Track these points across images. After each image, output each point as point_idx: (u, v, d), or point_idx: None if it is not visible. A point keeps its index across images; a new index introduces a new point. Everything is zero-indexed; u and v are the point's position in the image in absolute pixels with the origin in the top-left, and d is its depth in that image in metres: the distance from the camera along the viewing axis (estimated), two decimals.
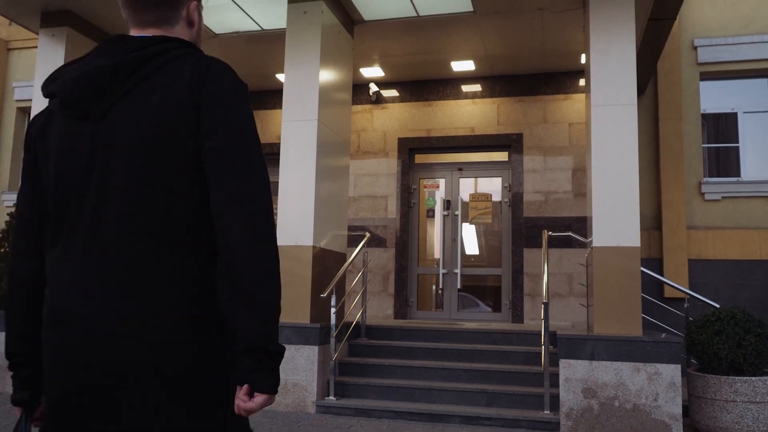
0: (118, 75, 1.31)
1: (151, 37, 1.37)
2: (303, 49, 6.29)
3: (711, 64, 8.98)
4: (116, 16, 7.20)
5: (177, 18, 1.47)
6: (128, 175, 1.28)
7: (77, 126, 1.33)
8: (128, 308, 1.26)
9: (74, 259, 1.30)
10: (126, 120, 1.29)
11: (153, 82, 1.30)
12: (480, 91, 8.82)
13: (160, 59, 1.33)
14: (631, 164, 5.42)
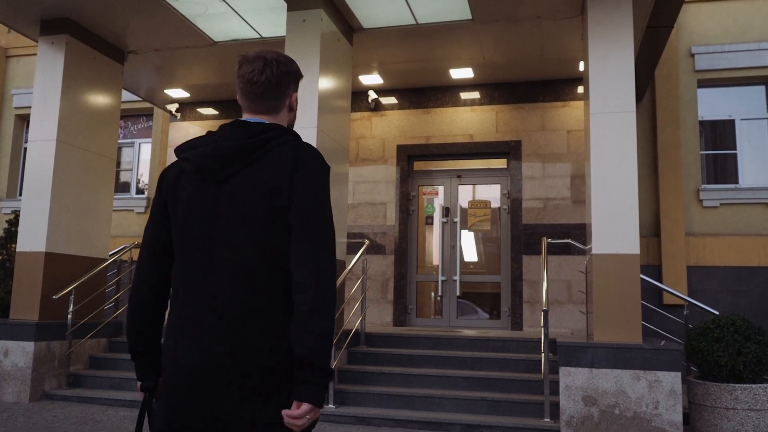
0: (241, 153, 1.72)
1: (267, 125, 1.78)
2: (302, 57, 6.30)
3: (708, 71, 9.02)
4: (115, 24, 7.21)
5: (282, 107, 1.87)
6: (246, 227, 1.68)
7: (204, 187, 1.74)
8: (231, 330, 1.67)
9: (191, 287, 1.72)
10: (244, 186, 1.70)
11: (266, 160, 1.71)
12: (478, 98, 8.84)
13: (271, 143, 1.73)
14: (630, 171, 5.43)
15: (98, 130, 7.48)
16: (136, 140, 11.35)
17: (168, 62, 8.37)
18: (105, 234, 7.56)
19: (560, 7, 6.60)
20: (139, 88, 9.36)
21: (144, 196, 10.89)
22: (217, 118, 9.91)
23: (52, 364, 6.63)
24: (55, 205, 6.84)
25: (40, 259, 6.70)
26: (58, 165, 6.89)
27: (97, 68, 7.48)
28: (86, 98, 7.31)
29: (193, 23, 7.18)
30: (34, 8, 6.85)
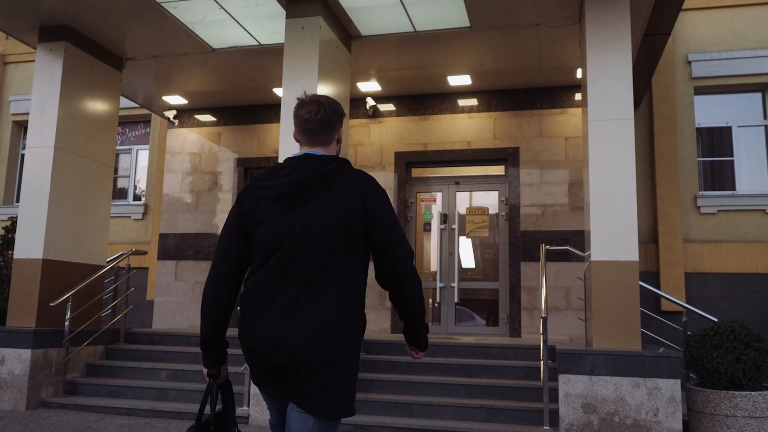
0: (315, 182, 2.13)
1: (329, 157, 2.20)
2: (301, 64, 6.31)
3: (705, 78, 9.06)
4: (113, 31, 7.21)
5: (332, 140, 2.30)
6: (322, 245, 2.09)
7: (282, 210, 2.14)
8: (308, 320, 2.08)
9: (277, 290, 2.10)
10: (319, 209, 2.11)
11: (336, 187, 2.14)
12: (476, 105, 8.86)
13: (336, 173, 2.16)
14: (628, 179, 5.44)
15: (96, 136, 7.47)
16: (134, 147, 11.33)
17: (166, 69, 8.38)
18: (102, 241, 7.54)
19: (558, 15, 6.63)
20: (136, 94, 9.36)
21: (141, 203, 10.87)
22: (215, 125, 9.90)
23: (48, 372, 6.60)
24: (53, 212, 6.82)
25: (38, 266, 6.68)
26: (55, 172, 6.87)
27: (95, 75, 7.47)
28: (84, 105, 7.31)
29: (191, 30, 7.19)
30: (32, 15, 6.85)
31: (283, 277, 2.10)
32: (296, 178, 2.14)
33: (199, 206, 9.75)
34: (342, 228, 2.11)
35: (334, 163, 2.17)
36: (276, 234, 2.13)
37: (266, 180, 2.19)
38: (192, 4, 6.62)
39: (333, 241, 2.10)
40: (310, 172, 2.14)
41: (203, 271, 9.51)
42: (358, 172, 2.21)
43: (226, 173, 9.72)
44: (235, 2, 6.58)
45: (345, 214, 2.11)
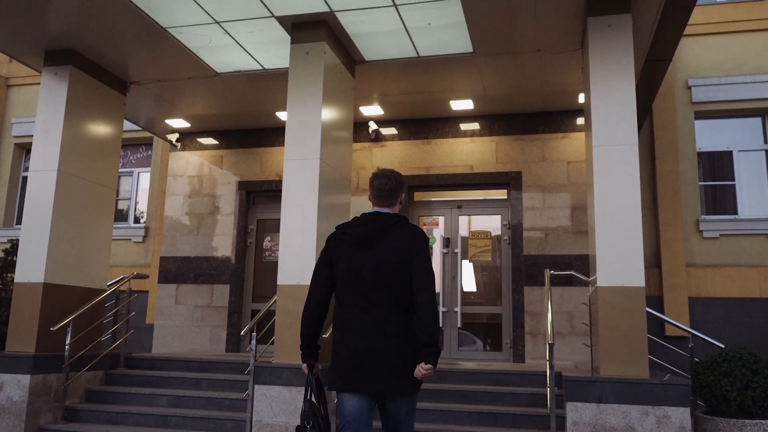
0: (380, 232, 3.05)
1: (390, 214, 3.13)
2: (305, 89, 6.34)
3: (705, 103, 9.13)
4: (118, 55, 7.24)
5: (396, 203, 3.22)
6: (386, 277, 2.99)
7: (358, 251, 3.05)
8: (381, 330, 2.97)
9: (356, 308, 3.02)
10: (384, 250, 3.02)
11: (394, 236, 3.04)
12: (479, 129, 8.89)
13: (396, 226, 3.06)
14: (633, 204, 5.43)
15: (99, 160, 7.47)
16: (135, 169, 11.34)
17: (169, 92, 8.40)
18: (104, 264, 7.50)
19: (560, 41, 6.68)
20: (139, 117, 9.38)
21: (142, 226, 10.84)
22: (218, 148, 9.91)
23: (47, 398, 6.51)
24: (55, 235, 6.79)
25: (38, 290, 6.63)
26: (58, 195, 6.85)
27: (99, 99, 7.49)
28: (88, 128, 7.32)
29: (196, 55, 7.23)
30: (39, 40, 6.88)
31: (361, 297, 3.01)
32: (368, 228, 3.08)
33: (201, 229, 9.72)
34: (398, 263, 2.99)
35: (395, 218, 3.11)
36: (354, 267, 3.04)
37: (347, 228, 3.15)
38: (197, 30, 6.66)
39: (393, 272, 2.99)
40: (378, 225, 3.08)
41: (204, 294, 9.46)
42: (411, 225, 3.10)
43: (227, 196, 9.71)
44: (241, 28, 6.62)
45: (400, 254, 2.99)
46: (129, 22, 6.47)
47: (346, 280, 3.04)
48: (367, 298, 2.99)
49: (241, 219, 9.58)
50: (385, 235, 3.02)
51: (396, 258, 2.98)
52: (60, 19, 6.43)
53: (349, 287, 3.03)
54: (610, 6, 5.74)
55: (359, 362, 2.94)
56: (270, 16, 6.35)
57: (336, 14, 6.28)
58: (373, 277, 2.99)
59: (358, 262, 3.01)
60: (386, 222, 3.06)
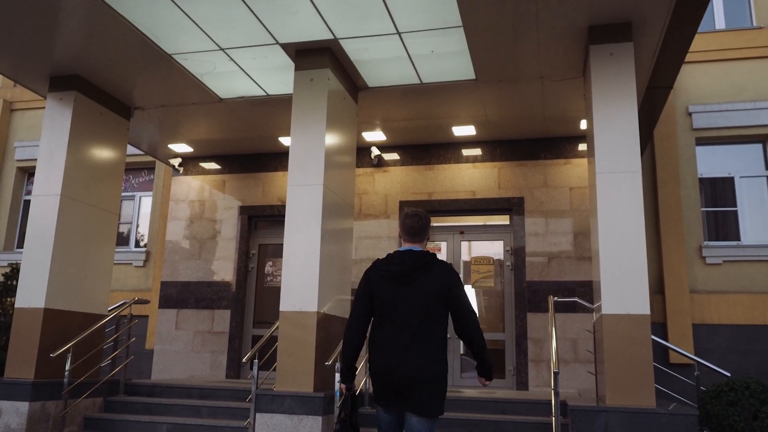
0: (417, 268, 3.37)
1: (423, 252, 3.45)
2: (309, 115, 6.37)
3: (706, 129, 9.17)
4: (123, 81, 7.29)
5: (424, 239, 3.54)
6: (424, 308, 3.33)
7: (397, 286, 3.38)
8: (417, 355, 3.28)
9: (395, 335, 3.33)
10: (421, 286, 3.35)
11: (429, 272, 3.38)
12: (481, 155, 8.92)
13: (429, 263, 3.40)
14: (637, 231, 5.42)
15: (102, 184, 7.48)
16: (137, 193, 11.35)
17: (172, 117, 8.44)
18: (105, 289, 7.46)
19: (562, 69, 6.72)
20: (141, 142, 9.41)
21: (143, 250, 10.82)
22: (220, 173, 9.93)
23: (46, 425, 6.43)
24: (56, 260, 6.77)
25: (39, 316, 6.58)
26: (61, 220, 6.84)
27: (103, 124, 7.52)
28: (92, 153, 7.33)
29: (200, 81, 7.27)
30: (44, 65, 6.93)
31: (398, 328, 3.34)
32: (406, 266, 3.41)
33: (202, 254, 9.69)
34: (433, 298, 3.36)
35: (427, 256, 3.45)
36: (393, 300, 3.39)
37: (385, 265, 3.48)
38: (202, 56, 6.72)
39: (427, 306, 3.34)
40: (414, 262, 3.41)
41: (204, 320, 9.40)
42: (441, 262, 3.47)
43: (229, 221, 9.71)
44: (245, 54, 6.68)
45: (435, 290, 3.36)
46: (134, 48, 6.52)
47: (386, 311, 3.40)
48: (405, 327, 3.33)
49: (242, 244, 9.56)
50: (421, 272, 3.39)
51: (433, 293, 3.36)
52: (66, 45, 6.48)
53: (389, 317, 3.38)
54: (612, 35, 5.80)
55: (396, 384, 3.29)
56: (274, 43, 6.41)
57: (340, 42, 6.33)
58: (411, 309, 3.34)
59: (398, 296, 3.38)
60: (421, 260, 3.42)
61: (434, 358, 3.31)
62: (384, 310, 3.40)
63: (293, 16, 5.90)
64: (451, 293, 3.37)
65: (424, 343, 3.30)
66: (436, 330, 3.35)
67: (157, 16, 5.94)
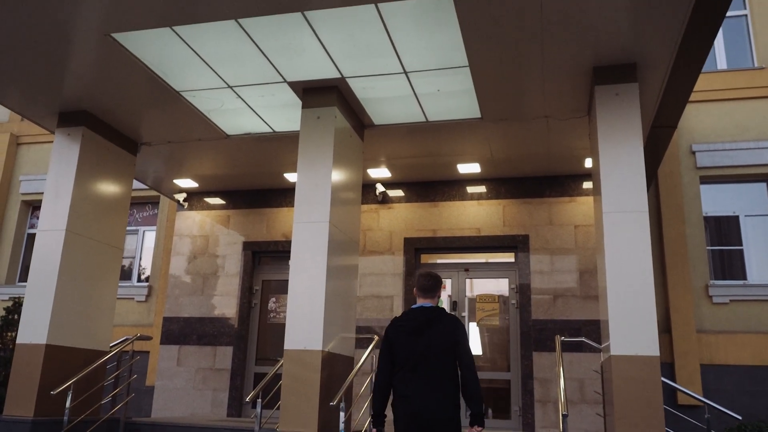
0: (429, 322, 3.96)
1: (434, 308, 4.06)
2: (316, 153, 6.39)
3: (710, 168, 9.19)
4: (130, 117, 7.35)
5: (437, 296, 4.10)
6: (436, 357, 3.87)
7: (413, 337, 3.93)
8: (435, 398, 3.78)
9: (414, 381, 3.85)
10: (433, 338, 3.90)
11: (439, 325, 3.96)
12: (485, 192, 8.93)
13: (439, 317, 3.99)
14: (645, 272, 5.38)
15: (107, 219, 7.48)
16: (141, 228, 11.35)
17: (178, 153, 8.48)
18: (107, 325, 7.40)
19: (567, 108, 6.77)
20: (147, 176, 9.44)
21: (145, 285, 10.77)
22: (225, 208, 9.94)
23: None
24: (60, 296, 6.73)
25: (40, 352, 6.51)
26: (65, 255, 6.82)
27: (110, 159, 7.56)
28: (98, 189, 7.35)
29: (207, 117, 7.33)
30: (53, 101, 6.99)
31: (417, 375, 3.84)
32: (419, 321, 4.00)
33: (205, 289, 9.64)
34: (445, 348, 3.89)
35: (437, 312, 4.05)
36: (411, 351, 3.93)
37: (402, 321, 4.10)
38: (210, 93, 6.78)
39: (440, 355, 3.88)
40: (426, 317, 4.00)
41: (206, 356, 9.30)
42: (449, 316, 4.06)
43: (233, 257, 9.68)
44: (253, 92, 6.74)
45: (445, 341, 3.91)
46: (143, 85, 6.59)
47: (405, 359, 3.93)
48: (422, 372, 3.85)
49: (246, 279, 9.51)
50: (432, 325, 3.95)
51: (443, 343, 3.91)
52: (75, 81, 6.55)
53: (408, 365, 3.90)
54: (618, 75, 5.84)
55: (419, 426, 3.77)
56: (282, 81, 6.48)
57: (347, 80, 6.39)
58: (426, 357, 3.87)
59: (414, 347, 3.92)
60: (431, 315, 4.02)
61: (450, 401, 3.79)
62: (403, 360, 3.93)
63: (301, 54, 5.98)
64: (458, 343, 3.92)
65: (440, 388, 3.80)
66: (449, 375, 3.86)
67: (166, 54, 6.02)
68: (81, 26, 5.49)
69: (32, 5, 5.16)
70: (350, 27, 5.49)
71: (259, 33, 5.62)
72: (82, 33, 5.60)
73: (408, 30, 5.53)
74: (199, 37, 5.71)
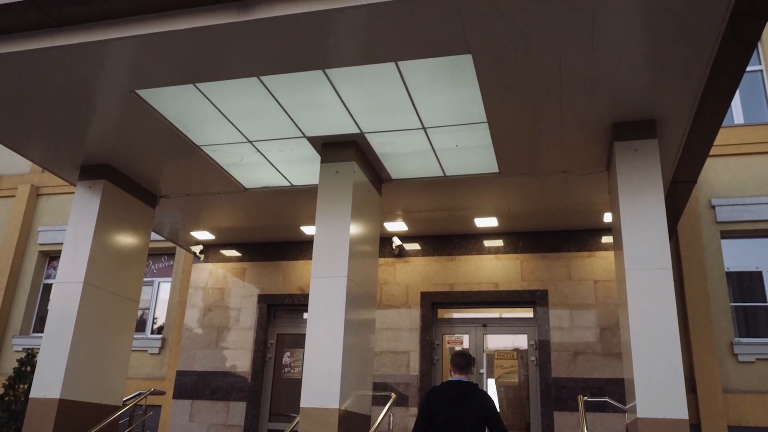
0: (464, 395, 4.84)
1: (467, 382, 4.95)
2: (334, 207, 6.39)
3: (730, 223, 9.08)
4: (151, 170, 7.42)
5: (470, 371, 5.04)
6: (472, 426, 4.72)
7: (450, 406, 4.80)
8: None
9: None
10: (468, 408, 4.78)
11: (474, 398, 4.84)
12: (503, 246, 8.86)
13: (475, 391, 4.90)
14: (670, 330, 5.24)
15: (125, 272, 7.47)
16: (156, 279, 11.35)
17: (195, 205, 8.52)
18: (121, 379, 7.31)
19: (586, 163, 6.76)
20: (163, 228, 9.48)
21: (159, 337, 10.69)
22: (241, 261, 9.92)
23: None
24: (75, 349, 6.66)
25: (54, 407, 6.41)
26: (82, 308, 6.79)
27: (129, 212, 7.60)
28: (116, 241, 7.37)
29: (226, 171, 7.39)
30: (76, 155, 7.09)
31: None
32: (455, 392, 4.82)
33: (219, 343, 9.54)
34: (477, 417, 4.68)
35: (472, 386, 4.88)
36: (449, 416, 4.69)
37: (441, 391, 4.91)
38: (230, 148, 6.85)
39: (474, 422, 4.67)
40: (463, 390, 4.82)
41: (219, 412, 9.13)
42: (481, 391, 4.91)
43: (248, 309, 9.60)
44: (272, 146, 6.80)
45: (478, 411, 4.70)
46: (165, 139, 6.67)
47: (443, 423, 4.71)
48: None
49: (260, 333, 9.41)
50: (468, 397, 4.76)
51: (478, 412, 4.71)
52: (98, 135, 6.64)
53: (446, 429, 4.68)
54: (637, 131, 5.84)
55: None
56: (302, 136, 6.54)
57: (366, 135, 6.44)
58: (463, 423, 4.65)
59: (451, 414, 4.70)
60: (467, 389, 4.86)
61: None
62: (441, 424, 4.74)
63: (321, 110, 6.05)
64: (489, 413, 4.75)
65: None
66: None
67: (188, 109, 6.11)
68: (106, 83, 5.60)
69: (59, 62, 5.28)
70: (370, 84, 5.56)
71: (280, 89, 5.71)
72: (108, 89, 5.71)
73: (427, 87, 5.59)
74: (221, 93, 5.81)
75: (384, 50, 4.98)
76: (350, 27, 4.69)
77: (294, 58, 5.14)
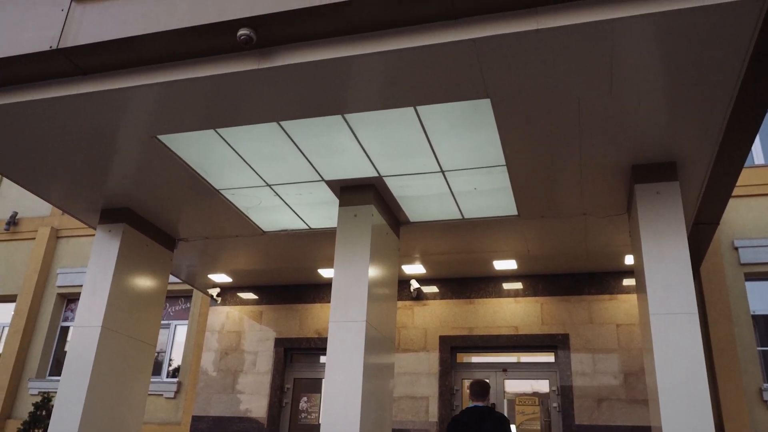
0: (482, 418, 5.56)
1: (485, 407, 5.69)
2: (353, 251, 6.36)
3: (754, 264, 8.91)
4: (170, 214, 7.45)
5: (487, 398, 5.77)
6: None
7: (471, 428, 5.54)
8: None
9: None
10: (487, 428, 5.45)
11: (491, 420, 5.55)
12: (522, 289, 8.75)
13: (491, 414, 5.64)
14: (698, 377, 5.08)
15: (142, 315, 7.46)
16: (173, 322, 11.31)
17: (213, 248, 8.54)
18: (137, 425, 7.23)
19: (606, 206, 6.70)
20: (180, 270, 9.49)
21: (175, 380, 10.60)
22: (258, 304, 9.88)
23: None
24: (91, 394, 6.61)
25: None
26: (99, 353, 6.76)
27: (148, 255, 7.63)
28: (135, 284, 7.38)
29: (245, 214, 7.41)
30: (97, 199, 7.15)
31: None
32: (473, 416, 5.46)
33: (236, 387, 9.43)
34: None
35: (489, 410, 5.51)
36: None
37: (462, 416, 5.61)
38: (249, 191, 6.89)
39: None
40: (479, 415, 5.48)
41: None
42: (498, 414, 5.55)
43: (264, 353, 9.51)
44: (291, 190, 6.83)
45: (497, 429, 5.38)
46: (184, 183, 6.72)
47: None
48: None
49: (277, 377, 9.30)
50: (486, 420, 5.42)
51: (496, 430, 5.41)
52: (119, 180, 6.70)
53: None
54: (658, 174, 5.78)
55: None
56: (320, 180, 6.56)
57: (384, 179, 6.45)
58: None
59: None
60: (485, 413, 5.53)
61: None
62: None
63: (340, 154, 6.07)
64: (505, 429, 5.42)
65: None
66: None
67: (208, 154, 6.16)
68: (128, 128, 5.67)
69: (82, 109, 5.35)
70: (389, 128, 5.59)
71: (300, 134, 5.75)
72: (129, 135, 5.78)
73: (445, 130, 5.60)
74: (240, 137, 5.86)
75: (403, 95, 5.01)
76: (369, 73, 4.73)
77: (313, 104, 5.19)
